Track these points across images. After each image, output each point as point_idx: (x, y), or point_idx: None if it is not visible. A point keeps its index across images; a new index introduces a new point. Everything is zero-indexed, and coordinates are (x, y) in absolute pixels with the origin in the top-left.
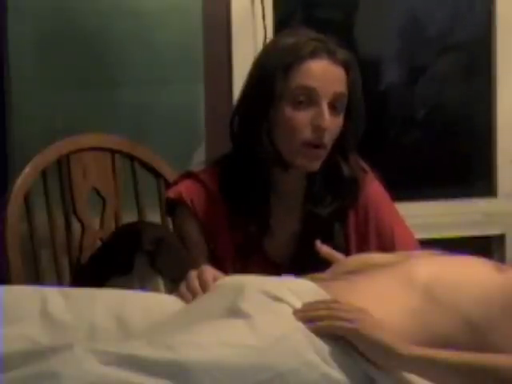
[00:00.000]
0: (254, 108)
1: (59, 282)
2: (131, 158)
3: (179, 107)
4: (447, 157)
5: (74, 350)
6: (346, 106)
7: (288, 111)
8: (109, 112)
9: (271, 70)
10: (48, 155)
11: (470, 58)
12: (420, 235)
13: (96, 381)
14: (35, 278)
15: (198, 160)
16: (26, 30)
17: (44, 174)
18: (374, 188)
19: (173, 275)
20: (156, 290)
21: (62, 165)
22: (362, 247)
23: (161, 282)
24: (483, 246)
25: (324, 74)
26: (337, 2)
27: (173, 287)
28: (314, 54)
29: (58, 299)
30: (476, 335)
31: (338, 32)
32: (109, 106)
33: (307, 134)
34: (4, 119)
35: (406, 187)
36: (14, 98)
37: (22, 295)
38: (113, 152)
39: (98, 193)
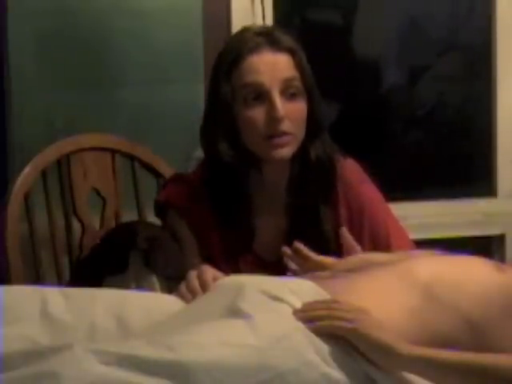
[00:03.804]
0: (209, 115)
1: (59, 282)
2: (131, 158)
3: (179, 107)
4: (447, 157)
5: (74, 350)
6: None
7: (242, 111)
8: (109, 112)
9: (216, 74)
10: (48, 155)
11: (470, 58)
12: (420, 235)
13: (96, 381)
14: (35, 278)
15: (198, 160)
16: (26, 30)
17: (44, 174)
18: (366, 188)
19: (167, 273)
20: (151, 288)
21: (62, 165)
22: None
23: (155, 280)
24: (483, 246)
25: (267, 65)
26: (336, 3)
27: (167, 285)
28: (253, 50)
29: (58, 299)
30: (476, 335)
31: (338, 33)
32: (109, 106)
33: (266, 127)
34: (4, 119)
35: (406, 187)
36: (14, 98)
37: (22, 295)
38: (113, 152)
39: (98, 193)
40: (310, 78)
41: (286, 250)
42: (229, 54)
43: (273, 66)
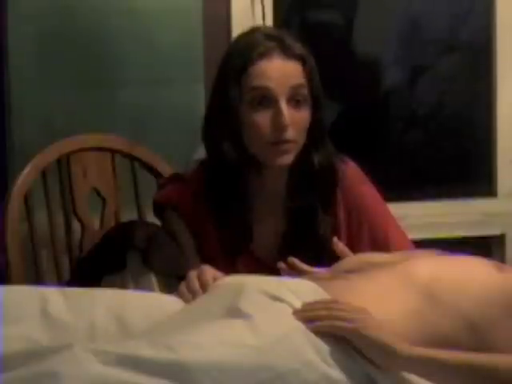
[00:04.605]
0: (214, 114)
1: (59, 282)
2: (131, 158)
3: (179, 107)
4: (447, 157)
5: (74, 350)
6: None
7: (248, 114)
8: (109, 112)
9: (225, 74)
10: (48, 155)
11: (470, 58)
12: (420, 235)
13: (96, 381)
14: (35, 278)
15: (198, 160)
16: (26, 30)
17: (44, 174)
18: (365, 189)
19: (165, 271)
20: (149, 286)
21: (62, 165)
22: (354, 248)
23: (153, 279)
24: (483, 246)
25: (277, 71)
26: (336, 3)
27: (165, 283)
28: (264, 55)
29: (58, 299)
30: (476, 335)
31: (338, 33)
32: (109, 106)
33: (270, 134)
34: (4, 119)
35: (406, 187)
36: (14, 98)
37: (22, 295)
38: (113, 152)
39: (98, 193)
40: (317, 86)
41: (282, 265)
42: (239, 57)
43: (282, 73)
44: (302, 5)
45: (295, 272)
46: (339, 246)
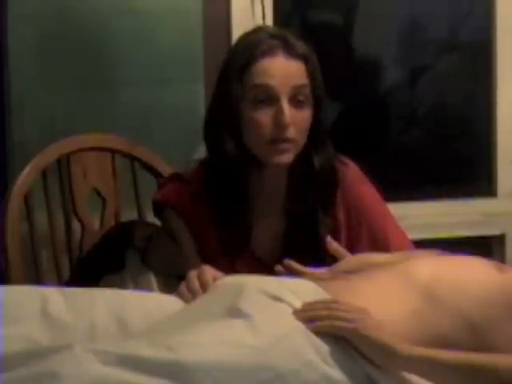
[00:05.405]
0: (216, 111)
1: (59, 282)
2: (131, 158)
3: (179, 107)
4: (447, 157)
5: (74, 350)
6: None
7: (249, 112)
8: (109, 112)
9: (227, 72)
10: (48, 155)
11: (470, 58)
12: (420, 235)
13: (96, 381)
14: (35, 278)
15: (198, 160)
16: (26, 30)
17: (44, 174)
18: (365, 189)
19: (164, 271)
20: (148, 286)
21: (62, 165)
22: (353, 248)
23: (153, 279)
24: (483, 246)
25: (279, 70)
26: (337, 3)
27: (165, 283)
28: (267, 53)
29: (58, 299)
30: (476, 335)
31: (338, 33)
32: (109, 106)
33: (271, 132)
34: (4, 119)
35: (406, 187)
36: (14, 98)
37: (22, 295)
38: (113, 152)
39: (98, 193)
40: (319, 87)
41: (279, 268)
42: (242, 54)
43: (285, 72)
44: (302, 5)
45: (293, 274)
46: (333, 245)
